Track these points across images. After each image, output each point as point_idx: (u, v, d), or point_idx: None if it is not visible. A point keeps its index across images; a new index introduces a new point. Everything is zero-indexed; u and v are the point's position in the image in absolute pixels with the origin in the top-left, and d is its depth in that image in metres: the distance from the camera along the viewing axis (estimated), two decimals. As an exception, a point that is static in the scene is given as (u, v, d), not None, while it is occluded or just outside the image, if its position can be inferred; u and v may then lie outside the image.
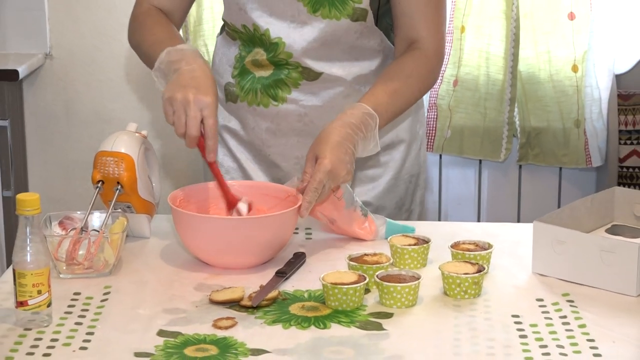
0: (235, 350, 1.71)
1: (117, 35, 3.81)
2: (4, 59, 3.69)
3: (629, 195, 2.21)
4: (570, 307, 1.88)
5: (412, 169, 2.42)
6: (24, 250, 1.77)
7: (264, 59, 2.27)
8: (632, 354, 1.71)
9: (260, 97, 2.31)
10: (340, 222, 2.15)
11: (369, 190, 2.38)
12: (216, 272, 2.02)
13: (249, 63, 2.30)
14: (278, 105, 2.30)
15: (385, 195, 2.39)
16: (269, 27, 2.24)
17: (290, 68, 2.27)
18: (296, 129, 2.32)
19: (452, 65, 3.73)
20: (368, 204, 2.35)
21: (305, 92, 2.29)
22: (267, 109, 2.31)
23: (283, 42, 2.24)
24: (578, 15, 3.65)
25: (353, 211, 2.14)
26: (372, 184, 2.38)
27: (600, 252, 1.93)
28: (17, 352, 1.70)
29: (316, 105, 2.30)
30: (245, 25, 2.26)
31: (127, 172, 2.12)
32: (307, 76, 2.27)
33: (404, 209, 2.42)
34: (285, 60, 2.26)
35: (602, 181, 3.80)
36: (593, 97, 3.71)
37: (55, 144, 3.91)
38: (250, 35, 2.26)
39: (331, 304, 1.87)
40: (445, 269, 1.93)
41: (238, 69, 2.32)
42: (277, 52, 2.25)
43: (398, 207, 2.41)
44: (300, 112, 2.30)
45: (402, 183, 2.41)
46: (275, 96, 2.30)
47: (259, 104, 2.32)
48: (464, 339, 1.76)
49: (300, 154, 2.31)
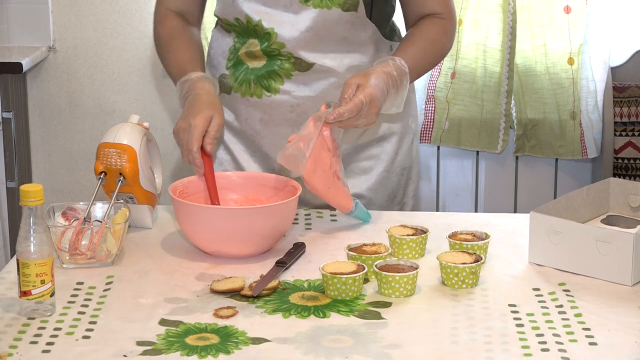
0: (236, 339, 1.71)
1: (119, 29, 3.80)
2: (8, 52, 3.69)
3: (624, 186, 2.21)
4: (567, 297, 1.88)
5: (404, 161, 2.42)
6: (28, 240, 1.77)
7: (257, 50, 2.27)
8: (627, 343, 1.71)
9: (253, 88, 2.31)
10: (333, 188, 2.13)
11: (361, 182, 2.37)
12: (217, 262, 2.02)
13: (243, 54, 2.30)
14: (271, 95, 2.30)
15: (377, 187, 2.38)
16: (261, 18, 2.24)
17: (283, 59, 2.26)
18: (289, 120, 2.31)
19: (449, 58, 3.72)
20: (360, 196, 2.34)
21: (298, 83, 2.28)
22: (260, 100, 2.31)
23: (275, 32, 2.24)
24: (574, 8, 3.65)
25: (344, 184, 2.14)
26: (365, 176, 2.37)
27: (596, 242, 1.93)
28: (20, 340, 1.70)
29: (308, 96, 2.29)
30: (237, 18, 2.26)
31: (130, 163, 2.12)
32: (299, 67, 2.27)
33: (396, 201, 2.41)
34: (277, 51, 2.26)
35: (598, 172, 3.80)
36: (589, 90, 3.70)
37: (58, 136, 3.91)
38: (243, 27, 2.27)
39: (330, 294, 1.87)
40: (443, 259, 1.93)
41: (232, 60, 2.32)
42: (270, 42, 2.25)
43: (390, 199, 2.40)
44: (292, 103, 2.30)
45: (394, 176, 2.40)
46: (268, 87, 2.29)
47: (252, 94, 2.31)
48: (461, 328, 1.76)
49: None
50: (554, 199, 2.53)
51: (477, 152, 3.87)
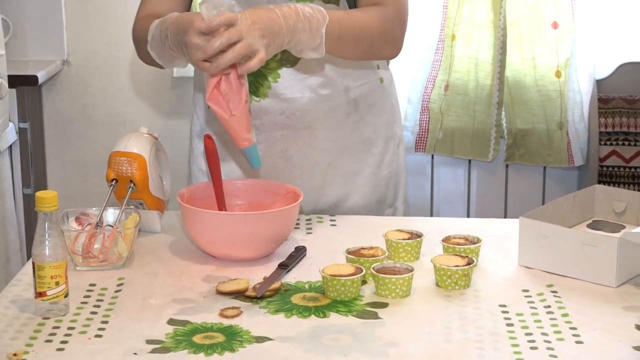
0: (240, 338, 1.71)
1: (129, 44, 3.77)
2: (24, 65, 3.69)
3: (609, 192, 2.21)
4: (554, 298, 1.88)
5: (390, 165, 2.38)
6: (43, 244, 1.77)
7: None
8: (612, 341, 1.71)
9: None
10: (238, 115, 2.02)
11: (348, 185, 2.32)
12: (222, 264, 2.02)
13: None
14: (260, 100, 2.26)
15: (365, 190, 2.35)
16: None
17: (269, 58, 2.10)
18: (279, 123, 2.27)
19: (443, 71, 3.73)
20: (348, 199, 2.33)
21: (285, 85, 2.24)
22: (250, 105, 2.27)
23: None
24: (561, 24, 3.65)
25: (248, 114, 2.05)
26: (351, 179, 2.33)
27: (582, 246, 1.93)
28: (36, 339, 1.70)
29: (296, 98, 2.25)
30: None
31: (140, 171, 2.12)
32: (285, 62, 2.22)
33: (385, 205, 2.39)
34: None
35: (584, 179, 3.80)
36: (575, 101, 3.70)
37: (72, 145, 3.91)
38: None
39: (330, 295, 1.86)
40: (437, 261, 1.93)
41: None
42: None
43: (379, 203, 2.37)
44: (282, 106, 2.25)
45: (381, 179, 2.37)
46: (256, 92, 2.25)
47: None
48: (454, 327, 1.76)
49: (284, 147, 2.29)
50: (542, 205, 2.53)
51: (469, 160, 3.87)
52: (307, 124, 2.28)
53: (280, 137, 2.28)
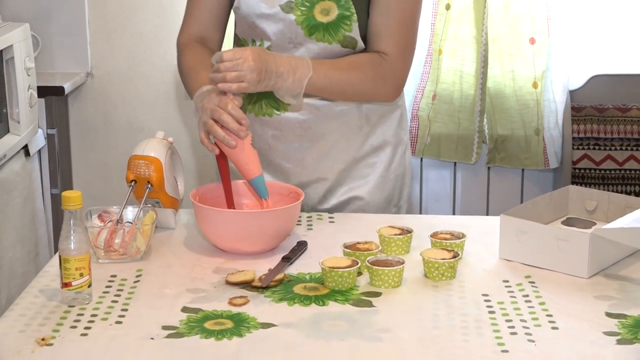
0: (247, 324, 1.70)
1: (148, 58, 3.80)
2: (52, 77, 3.68)
3: (581, 192, 2.21)
4: (532, 287, 1.87)
5: (397, 169, 2.39)
6: (69, 239, 1.77)
7: None
8: (583, 327, 1.71)
9: (265, 108, 2.29)
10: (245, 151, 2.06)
11: (360, 187, 2.35)
12: (231, 257, 2.02)
13: None
14: (280, 114, 2.28)
15: (375, 191, 2.36)
16: (271, 44, 2.21)
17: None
18: (297, 134, 2.29)
19: (430, 82, 3.72)
20: (360, 198, 2.33)
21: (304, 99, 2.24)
22: (271, 118, 2.28)
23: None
24: (538, 40, 3.65)
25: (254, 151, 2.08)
26: (364, 182, 2.35)
27: (557, 241, 1.93)
28: (62, 325, 1.70)
29: (313, 112, 2.26)
30: (254, 40, 2.24)
31: (156, 172, 2.12)
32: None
33: (392, 204, 2.40)
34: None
35: (558, 181, 3.80)
36: (550, 110, 3.70)
37: (95, 149, 3.90)
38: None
39: (329, 285, 1.86)
40: (425, 255, 1.93)
41: None
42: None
43: (387, 202, 2.39)
44: (300, 119, 2.27)
45: (389, 182, 2.38)
46: (277, 106, 2.27)
47: (264, 114, 2.29)
48: (441, 315, 1.75)
49: (301, 156, 2.30)
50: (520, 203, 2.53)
51: (454, 163, 3.87)
52: (322, 136, 2.28)
53: (299, 147, 2.29)
